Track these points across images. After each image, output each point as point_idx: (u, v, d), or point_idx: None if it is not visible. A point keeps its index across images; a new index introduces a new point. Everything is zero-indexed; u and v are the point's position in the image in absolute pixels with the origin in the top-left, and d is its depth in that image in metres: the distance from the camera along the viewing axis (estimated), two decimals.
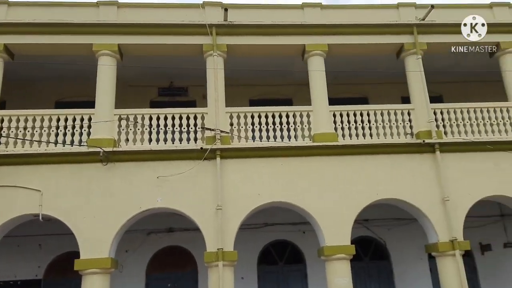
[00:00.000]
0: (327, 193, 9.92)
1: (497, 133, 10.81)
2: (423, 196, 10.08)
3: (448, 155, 10.39)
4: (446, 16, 11.34)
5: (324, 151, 10.17)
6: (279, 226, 12.05)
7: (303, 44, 10.90)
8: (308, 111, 10.63)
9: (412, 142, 10.46)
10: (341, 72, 12.08)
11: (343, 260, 9.56)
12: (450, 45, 11.27)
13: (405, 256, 12.33)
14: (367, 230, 12.17)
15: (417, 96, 10.86)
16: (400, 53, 11.34)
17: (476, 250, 12.25)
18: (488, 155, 10.48)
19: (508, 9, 11.67)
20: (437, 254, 9.92)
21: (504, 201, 10.72)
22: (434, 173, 10.23)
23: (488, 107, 10.98)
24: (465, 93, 12.70)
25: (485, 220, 12.10)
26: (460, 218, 9.95)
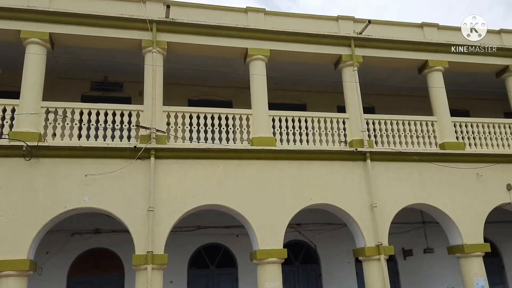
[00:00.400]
0: (263, 197, 9.96)
1: (422, 145, 11.50)
2: (354, 202, 10.45)
3: (378, 163, 10.87)
4: (381, 32, 11.93)
5: (262, 155, 10.22)
6: (212, 229, 11.92)
7: (246, 48, 10.91)
8: (248, 115, 10.64)
9: (345, 150, 10.82)
10: (282, 78, 12.26)
11: (275, 264, 9.64)
12: (384, 59, 11.87)
13: (334, 259, 12.73)
14: (299, 234, 12.40)
15: (352, 106, 11.27)
16: (338, 64, 11.71)
17: (399, 255, 12.92)
18: (413, 165, 11.10)
19: (437, 30, 12.49)
20: (364, 258, 10.32)
21: (425, 209, 11.40)
22: (364, 181, 10.65)
23: (415, 120, 11.66)
24: (395, 106, 13.40)
25: (408, 226, 12.81)
26: (386, 224, 10.44)
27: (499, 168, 11.53)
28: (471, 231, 10.87)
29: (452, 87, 12.29)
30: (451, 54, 12.16)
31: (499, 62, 12.56)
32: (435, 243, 12.97)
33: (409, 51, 11.95)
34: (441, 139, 11.60)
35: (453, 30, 12.68)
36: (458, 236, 10.89)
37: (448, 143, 11.49)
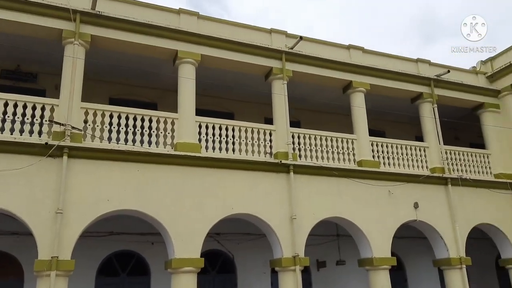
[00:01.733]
0: (183, 204, 9.68)
1: (342, 161, 11.96)
2: (274, 213, 10.54)
3: (300, 176, 11.10)
4: (311, 49, 12.28)
5: (185, 161, 9.95)
6: (126, 235, 11.32)
7: (176, 50, 10.62)
8: (173, 119, 10.32)
9: (270, 161, 10.90)
10: (211, 85, 12.09)
11: (191, 273, 9.40)
12: (312, 76, 12.21)
13: (251, 270, 12.72)
14: (217, 244, 12.22)
15: (279, 119, 11.42)
16: (269, 76, 11.84)
17: (313, 266, 13.24)
18: (333, 180, 11.50)
19: (362, 52, 13.14)
20: (280, 269, 10.43)
21: (341, 222, 11.84)
22: (286, 192, 10.80)
23: (338, 137, 12.11)
24: (320, 122, 13.83)
25: (323, 239, 13.20)
26: (304, 236, 10.66)
27: (408, 187, 12.33)
28: (381, 245, 11.47)
29: (372, 108, 12.98)
30: (373, 77, 12.85)
31: (414, 88, 13.52)
32: (347, 256, 13.50)
33: (336, 71, 12.44)
34: (359, 156, 12.15)
35: (376, 54, 13.43)
36: (368, 250, 11.42)
37: (365, 161, 12.07)
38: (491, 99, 14.45)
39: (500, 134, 14.07)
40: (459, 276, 12.11)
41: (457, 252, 12.27)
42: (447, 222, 12.49)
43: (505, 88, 14.34)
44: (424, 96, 13.56)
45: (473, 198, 13.07)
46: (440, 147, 13.20)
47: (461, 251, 12.30)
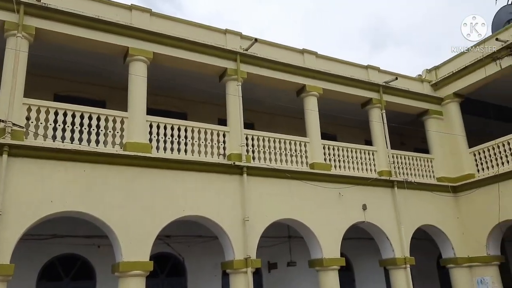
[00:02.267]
0: (132, 206, 9.39)
1: (295, 163, 12.09)
2: (227, 215, 10.47)
3: (253, 178, 11.10)
4: (266, 51, 12.33)
5: (135, 162, 9.66)
6: (70, 238, 10.82)
7: (127, 47, 10.30)
8: (123, 117, 9.99)
9: (223, 163, 10.82)
10: (164, 84, 11.84)
11: (139, 276, 9.14)
12: (267, 78, 12.27)
13: (201, 273, 12.55)
14: (167, 246, 11.95)
15: (233, 120, 11.37)
16: (223, 76, 11.75)
17: (264, 268, 13.28)
18: (285, 182, 11.59)
19: (315, 57, 13.37)
20: (231, 271, 10.37)
21: (293, 224, 11.97)
22: (239, 194, 10.76)
23: (291, 139, 12.24)
24: (274, 124, 13.95)
25: (275, 240, 13.28)
26: (256, 237, 10.67)
27: (357, 189, 12.68)
28: (331, 246, 11.70)
29: (325, 112, 13.23)
30: (326, 82, 13.11)
31: (365, 94, 13.93)
32: (298, 257, 13.65)
33: (290, 74, 12.57)
34: (311, 159, 12.34)
35: (329, 60, 13.73)
36: (319, 251, 11.61)
37: (317, 163, 12.27)
38: (435, 106, 15.18)
39: (442, 140, 14.79)
40: (404, 275, 12.59)
41: (402, 252, 12.75)
42: (393, 223, 12.96)
43: (447, 96, 15.10)
44: (373, 102, 14.01)
45: (417, 200, 13.65)
46: (388, 151, 13.68)
47: (405, 251, 12.79)
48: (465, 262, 13.64)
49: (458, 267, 13.67)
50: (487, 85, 14.24)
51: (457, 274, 13.67)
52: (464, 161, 14.39)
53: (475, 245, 13.58)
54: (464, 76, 14.57)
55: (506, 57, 13.41)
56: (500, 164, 13.39)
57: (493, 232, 13.31)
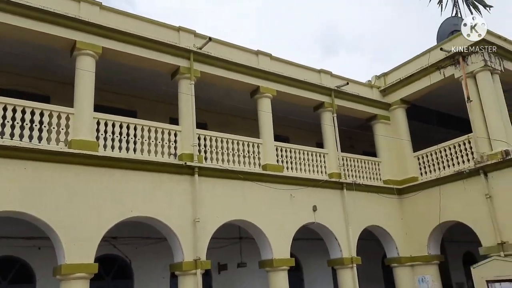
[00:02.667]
0: (76, 206, 9.00)
1: (247, 164, 12.09)
2: (177, 217, 10.29)
3: (205, 179, 10.98)
4: (220, 51, 12.24)
5: (81, 160, 9.26)
6: (8, 240, 10.20)
7: (74, 40, 9.87)
8: (68, 114, 9.55)
9: (174, 163, 10.62)
10: (113, 80, 11.46)
11: (82, 279, 8.78)
12: (220, 78, 12.19)
13: (149, 275, 12.24)
14: (113, 248, 11.56)
15: (186, 119, 11.19)
16: (176, 74, 11.54)
17: (214, 269, 13.18)
18: (238, 183, 11.57)
19: (269, 59, 13.44)
20: (180, 273, 10.20)
21: (244, 225, 11.96)
22: (190, 195, 10.61)
23: (244, 140, 12.23)
24: (227, 125, 13.88)
25: (226, 241, 13.22)
26: (207, 239, 10.56)
27: (308, 191, 12.88)
28: (281, 246, 11.80)
29: (278, 114, 13.34)
30: (280, 84, 13.23)
31: (317, 98, 14.20)
32: (248, 258, 13.66)
33: (244, 75, 12.56)
34: (264, 160, 12.40)
35: (283, 62, 13.86)
36: (269, 251, 11.68)
37: (269, 165, 12.35)
38: (383, 111, 15.73)
39: (389, 144, 15.36)
40: (350, 275, 12.93)
41: (349, 252, 13.09)
42: (342, 224, 13.29)
43: (395, 102, 15.70)
44: (325, 105, 14.30)
45: (364, 202, 14.08)
46: (338, 154, 14.02)
47: (352, 251, 13.15)
48: (408, 261, 14.23)
49: (401, 266, 14.23)
50: (432, 92, 14.94)
51: (400, 273, 14.23)
52: (408, 164, 15.01)
53: (417, 245, 14.20)
54: (411, 83, 15.21)
55: (449, 67, 14.13)
56: (442, 168, 14.09)
57: (434, 233, 13.98)
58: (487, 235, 12.41)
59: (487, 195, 12.45)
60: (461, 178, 13.26)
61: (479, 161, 12.88)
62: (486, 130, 13.00)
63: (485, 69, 13.31)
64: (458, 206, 13.26)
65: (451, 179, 13.53)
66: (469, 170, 13.00)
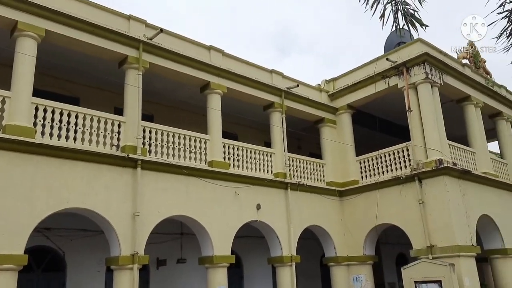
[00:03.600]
0: (7, 194, 8.57)
1: (193, 160, 12.00)
2: (116, 209, 10.04)
3: (148, 172, 10.79)
4: (171, 43, 12.06)
5: (15, 146, 8.81)
6: None
7: (16, 20, 9.35)
8: (4, 97, 9.06)
9: (116, 154, 10.35)
10: (56, 65, 10.97)
11: (10, 271, 8.39)
12: (170, 71, 12.01)
13: (84, 268, 11.86)
14: (46, 239, 11.10)
15: (131, 111, 10.93)
16: (123, 64, 11.24)
17: (152, 264, 13.01)
18: (182, 179, 11.47)
19: (222, 55, 13.41)
20: (116, 267, 9.97)
21: (186, 221, 11.88)
22: (131, 188, 10.38)
23: (191, 136, 12.13)
24: (175, 119, 13.69)
25: (167, 237, 13.06)
26: (146, 233, 10.38)
27: (253, 189, 13.01)
28: (222, 244, 11.83)
29: (227, 111, 13.34)
30: (231, 81, 13.23)
31: (267, 97, 14.35)
32: (188, 254, 13.60)
33: (195, 69, 12.44)
34: (210, 157, 12.37)
35: (236, 59, 13.87)
36: (210, 248, 11.68)
37: (216, 161, 12.33)
38: (330, 115, 16.17)
39: (334, 147, 15.82)
40: (289, 272, 13.21)
41: (289, 251, 13.36)
42: (284, 223, 13.53)
43: (342, 107, 16.19)
44: (275, 106, 14.48)
45: (307, 202, 14.42)
46: (285, 154, 14.25)
47: (292, 249, 13.43)
48: (344, 261, 14.76)
49: (338, 266, 14.73)
50: (376, 100, 15.54)
51: (337, 272, 14.72)
52: (351, 168, 15.54)
53: (354, 245, 14.75)
54: (357, 90, 15.75)
55: (393, 77, 14.76)
56: (381, 173, 14.72)
57: (370, 234, 14.58)
58: (418, 238, 13.11)
59: (420, 201, 13.16)
60: (398, 183, 13.92)
61: (415, 168, 13.58)
62: (423, 139, 13.70)
63: (426, 81, 14.02)
64: (394, 209, 13.92)
65: (389, 184, 14.17)
66: (406, 176, 13.68)
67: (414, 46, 14.38)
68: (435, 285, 11.83)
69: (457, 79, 15.31)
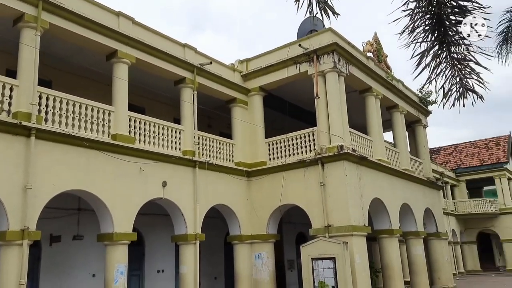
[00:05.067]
0: None
1: (95, 132, 11.31)
2: (4, 181, 9.22)
3: (44, 142, 9.97)
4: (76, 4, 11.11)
5: None
6: None
7: None
8: None
9: (6, 121, 9.38)
10: None
11: None
12: (72, 34, 11.10)
13: None
14: None
15: (25, 74, 9.94)
16: (18, 22, 10.14)
17: (45, 240, 12.15)
18: (82, 151, 10.77)
19: (132, 23, 12.68)
20: (3, 243, 9.16)
21: (85, 196, 11.24)
22: (23, 159, 9.53)
23: (93, 106, 11.40)
24: (76, 87, 12.73)
25: (63, 212, 12.26)
26: (38, 207, 9.65)
27: (159, 166, 12.67)
28: (124, 220, 11.40)
29: (135, 82, 12.74)
30: (140, 52, 12.62)
31: (179, 72, 13.97)
32: (86, 231, 12.92)
33: (101, 35, 11.64)
34: (114, 130, 11.77)
35: (147, 29, 13.25)
36: (110, 225, 11.19)
37: (120, 135, 11.76)
38: (242, 96, 16.27)
39: (244, 128, 15.99)
40: (193, 250, 13.18)
41: (194, 229, 13.32)
42: (190, 202, 13.42)
43: (254, 89, 16.36)
44: (186, 81, 14.17)
45: (215, 181, 14.44)
46: (194, 132, 14.06)
47: (198, 228, 13.41)
48: (248, 239, 15.13)
49: (241, 244, 15.05)
50: (288, 84, 15.97)
51: (240, 249, 15.05)
52: (259, 149, 15.86)
53: (258, 224, 15.18)
54: (270, 73, 16.02)
55: (304, 63, 15.25)
56: (288, 156, 15.22)
57: (274, 214, 15.11)
58: (317, 218, 13.87)
59: (322, 183, 13.90)
60: (303, 166, 14.52)
61: (319, 152, 14.27)
62: (328, 126, 14.42)
63: (333, 70, 14.70)
64: (297, 191, 14.53)
65: (295, 166, 14.73)
66: (310, 160, 14.32)
67: (325, 35, 14.96)
68: (329, 261, 12.66)
69: (362, 70, 16.30)
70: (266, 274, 14.80)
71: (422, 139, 21.67)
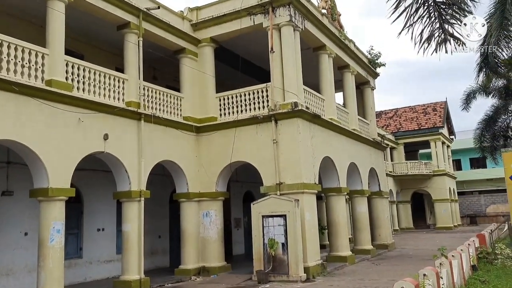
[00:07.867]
0: None
1: (26, 76, 10.03)
2: None
3: None
4: None
5: None
6: None
7: None
8: None
9: None
10: None
11: None
12: None
13: None
14: None
15: None
16: None
17: None
18: (11, 97, 9.55)
19: None
20: None
21: (15, 147, 10.09)
22: None
23: (25, 47, 10.05)
24: (4, 26, 11.17)
25: None
26: None
27: (100, 117, 11.63)
28: (60, 175, 10.41)
29: (73, 26, 11.37)
30: None
31: (123, 15, 12.67)
32: (17, 186, 11.71)
33: None
34: (49, 75, 10.52)
35: None
36: (45, 179, 10.16)
37: (55, 81, 10.54)
38: (192, 46, 15.23)
39: (194, 81, 15.10)
40: (137, 208, 12.44)
41: (138, 186, 12.52)
42: (134, 157, 12.54)
43: (204, 39, 15.36)
44: (131, 27, 12.92)
45: (161, 136, 13.60)
46: (139, 82, 13.00)
47: (142, 184, 12.62)
48: (196, 197, 14.59)
49: (188, 201, 14.50)
50: (241, 37, 15.14)
51: (187, 207, 14.51)
52: (209, 104, 15.10)
53: (207, 182, 14.65)
54: (222, 23, 15.06)
55: (259, 14, 14.46)
56: (240, 111, 14.60)
57: (223, 172, 14.63)
58: (269, 176, 13.59)
59: (274, 141, 13.54)
60: (255, 123, 14.02)
61: (273, 109, 13.81)
62: (282, 82, 13.92)
63: (289, 24, 14.06)
64: (249, 148, 14.07)
65: (247, 122, 14.19)
66: (263, 116, 13.84)
67: None
68: (280, 218, 12.51)
69: (316, 27, 15.82)
70: (214, 232, 14.46)
71: (369, 101, 21.91)
